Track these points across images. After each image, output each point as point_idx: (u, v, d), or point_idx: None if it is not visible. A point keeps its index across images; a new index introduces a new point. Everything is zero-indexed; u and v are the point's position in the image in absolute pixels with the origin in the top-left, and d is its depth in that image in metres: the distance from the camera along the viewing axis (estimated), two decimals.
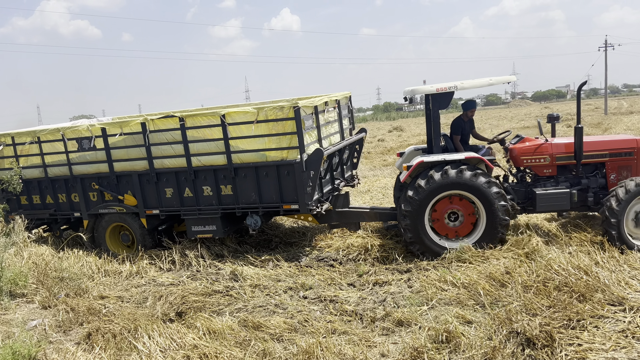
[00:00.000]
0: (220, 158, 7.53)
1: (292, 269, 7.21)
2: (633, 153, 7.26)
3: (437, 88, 7.10)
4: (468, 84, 7.21)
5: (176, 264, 7.74)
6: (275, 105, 7.20)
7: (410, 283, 6.39)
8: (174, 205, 8.00)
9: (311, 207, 7.29)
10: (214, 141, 7.48)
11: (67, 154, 8.28)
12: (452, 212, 7.13)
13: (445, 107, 7.26)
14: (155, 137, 7.74)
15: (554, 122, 7.73)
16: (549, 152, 7.36)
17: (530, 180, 7.63)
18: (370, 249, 7.54)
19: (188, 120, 7.51)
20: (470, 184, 6.84)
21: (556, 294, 5.25)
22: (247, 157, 7.43)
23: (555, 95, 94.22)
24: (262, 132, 7.26)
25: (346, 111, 9.27)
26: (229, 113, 7.31)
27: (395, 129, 33.61)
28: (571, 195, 7.14)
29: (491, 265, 6.32)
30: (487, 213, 6.90)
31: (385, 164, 17.67)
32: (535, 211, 7.34)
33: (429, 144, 7.85)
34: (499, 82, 7.59)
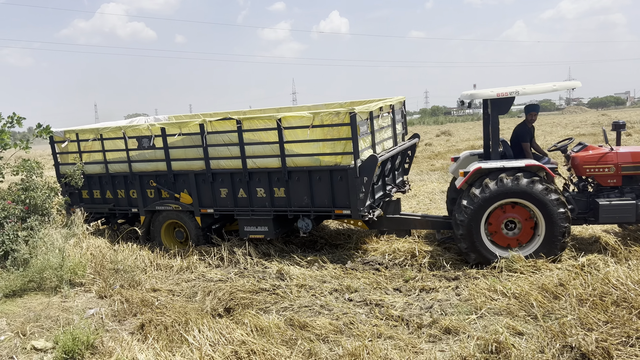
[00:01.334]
0: (274, 161, 7.64)
1: (338, 270, 7.24)
2: None
3: (497, 93, 6.95)
4: (530, 89, 7.01)
5: (224, 260, 7.92)
6: (331, 111, 7.24)
7: (458, 291, 6.27)
8: (228, 205, 8.17)
9: (363, 213, 7.29)
10: (269, 144, 7.60)
11: (127, 152, 8.63)
12: (509, 220, 6.96)
13: (505, 112, 7.10)
14: (212, 138, 7.94)
15: (620, 130, 7.42)
16: (614, 161, 7.07)
17: (592, 190, 7.35)
18: (417, 254, 7.46)
19: (245, 123, 7.66)
20: (528, 192, 6.65)
21: (614, 309, 5.03)
22: (301, 161, 7.51)
23: (614, 102, 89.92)
24: (317, 136, 7.33)
25: (399, 116, 9.21)
26: (286, 117, 7.42)
27: (443, 133, 33.01)
28: (637, 208, 6.83)
29: (544, 277, 6.12)
30: (546, 221, 6.70)
31: (432, 169, 17.41)
32: (598, 222, 7.06)
33: (485, 150, 7.69)
34: (563, 88, 7.36)
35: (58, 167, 9.30)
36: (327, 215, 7.75)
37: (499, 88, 7.06)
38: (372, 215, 7.55)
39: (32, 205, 7.97)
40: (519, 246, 6.94)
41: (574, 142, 7.80)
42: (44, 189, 8.22)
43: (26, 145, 8.38)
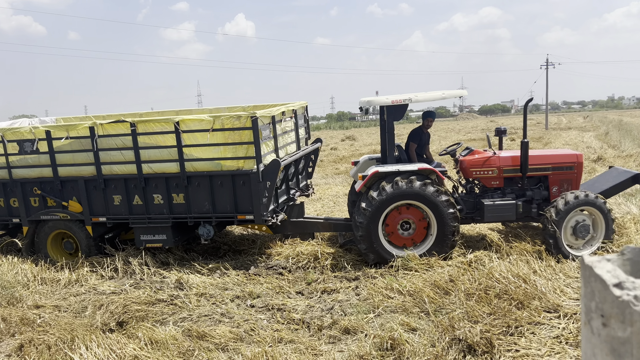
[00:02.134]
0: (172, 166, 7.34)
1: (240, 277, 7.12)
2: (573, 167, 7.62)
3: (392, 100, 7.25)
4: (422, 97, 7.40)
5: (119, 272, 7.48)
6: (232, 114, 7.11)
7: (358, 291, 6.44)
8: (122, 213, 7.72)
9: (266, 217, 7.23)
10: (166, 148, 7.29)
11: (6, 157, 7.83)
12: (404, 221, 7.27)
13: (399, 118, 7.42)
14: (104, 142, 7.46)
15: (502, 135, 8.04)
16: (497, 164, 7.62)
17: (478, 191, 7.88)
18: (320, 257, 7.55)
19: (140, 126, 7.28)
20: (421, 194, 7.01)
21: (497, 301, 5.43)
22: (201, 166, 7.29)
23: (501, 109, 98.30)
24: (217, 140, 7.15)
25: (302, 121, 9.28)
26: (184, 120, 7.16)
27: (348, 138, 34.00)
28: (517, 207, 7.42)
29: (436, 274, 6.47)
30: (437, 221, 7.09)
31: (337, 172, 17.80)
32: (483, 221, 7.59)
33: (383, 154, 7.99)
34: (451, 96, 7.83)
35: None
36: (230, 221, 7.60)
37: (393, 95, 7.37)
38: (276, 219, 7.53)
39: None
40: (414, 245, 7.29)
41: (462, 147, 8.34)
42: None
43: None
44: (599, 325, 0.91)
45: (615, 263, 0.98)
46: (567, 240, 7.09)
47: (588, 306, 0.94)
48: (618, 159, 15.57)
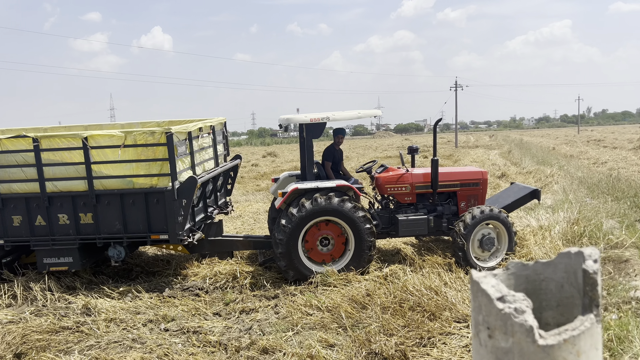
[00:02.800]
0: (80, 184, 6.93)
1: (154, 300, 6.82)
2: (479, 183, 8.13)
3: (310, 118, 7.39)
4: (339, 116, 7.60)
5: (18, 298, 6.88)
6: (145, 130, 6.87)
7: (277, 309, 6.40)
8: (22, 235, 7.14)
9: (182, 237, 6.98)
10: (73, 165, 6.87)
11: None
12: (324, 237, 7.37)
13: (318, 136, 7.56)
14: (2, 158, 6.90)
15: (414, 153, 8.43)
16: (409, 181, 7.96)
17: (393, 207, 8.16)
18: (238, 276, 7.43)
19: (44, 142, 6.82)
20: (338, 210, 7.14)
21: (410, 313, 5.63)
22: (111, 184, 6.94)
23: (415, 128, 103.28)
24: (129, 157, 6.85)
25: (221, 137, 9.14)
26: (93, 136, 6.80)
27: (269, 154, 33.98)
28: (428, 221, 7.76)
29: (354, 288, 6.58)
30: (355, 237, 7.25)
31: (258, 189, 17.70)
32: (398, 236, 7.88)
33: (302, 171, 8.07)
34: (367, 116, 8.12)
35: None
36: (143, 241, 7.29)
37: (312, 114, 7.50)
38: (193, 239, 7.31)
39: None
40: (332, 261, 7.39)
41: (377, 164, 8.64)
42: None
43: None
44: (485, 337, 0.98)
45: (499, 278, 1.06)
46: (475, 252, 7.52)
47: (476, 319, 1.01)
48: (519, 175, 16.84)
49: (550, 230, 8.37)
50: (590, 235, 8.06)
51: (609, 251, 7.41)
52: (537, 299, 1.08)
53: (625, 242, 7.64)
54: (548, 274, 1.07)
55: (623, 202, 10.91)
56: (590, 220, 8.69)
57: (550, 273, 1.06)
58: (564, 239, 7.99)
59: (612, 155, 23.48)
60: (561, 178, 15.39)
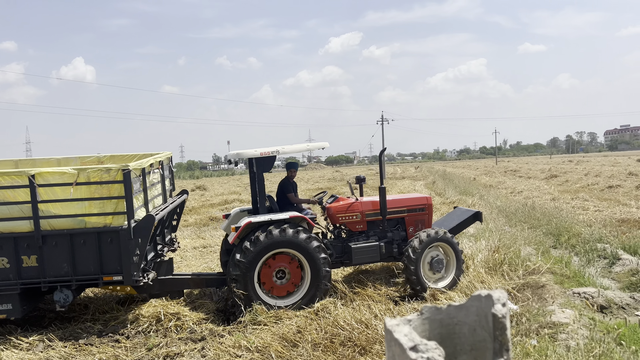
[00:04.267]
0: (24, 224, 6.42)
1: (69, 349, 6.30)
2: (425, 208, 8.42)
3: (260, 152, 7.39)
4: (289, 149, 7.68)
5: None
6: (101, 167, 6.54)
7: (204, 352, 6.11)
8: None
9: (137, 277, 6.58)
10: (17, 204, 6.36)
11: None
12: (278, 270, 7.28)
13: (268, 169, 7.56)
14: None
15: (362, 183, 8.59)
16: (360, 209, 8.07)
17: (345, 235, 8.20)
18: (162, 318, 7.05)
19: None
20: (293, 241, 7.11)
21: (342, 349, 5.57)
22: (60, 223, 6.48)
23: (345, 160, 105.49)
24: (81, 195, 6.46)
25: (167, 172, 8.86)
26: (41, 173, 6.36)
27: (199, 187, 33.21)
28: (380, 248, 7.86)
29: (284, 326, 6.44)
30: (310, 267, 7.21)
31: (186, 225, 17.12)
32: (352, 264, 7.92)
33: (254, 205, 7.95)
34: (315, 148, 8.23)
35: None
36: (94, 283, 6.83)
37: (261, 148, 7.48)
38: (147, 279, 6.91)
39: None
40: (296, 287, 7.31)
41: (327, 195, 8.71)
42: None
43: None
44: None
45: (413, 324, 1.04)
46: (425, 274, 7.66)
47: None
48: (443, 206, 17.52)
49: (474, 259, 8.70)
50: (510, 262, 8.45)
51: (527, 277, 7.80)
52: (452, 343, 1.07)
53: (541, 268, 8.08)
54: (461, 317, 1.07)
55: (538, 229, 11.61)
56: (509, 247, 9.14)
57: (463, 317, 1.06)
58: (486, 267, 8.32)
59: (527, 184, 25.09)
60: (482, 207, 16.18)
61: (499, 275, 8.04)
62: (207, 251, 12.34)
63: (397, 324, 0.99)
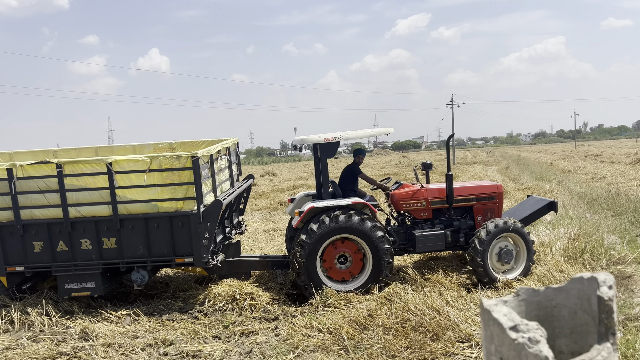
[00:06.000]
0: (104, 208, 6.89)
1: (153, 323, 6.73)
2: (495, 197, 8.15)
3: (324, 138, 7.48)
4: (352, 135, 7.70)
5: (15, 324, 6.78)
6: (171, 154, 6.88)
7: (277, 331, 6.31)
8: (43, 261, 7.05)
9: (206, 260, 6.94)
10: (97, 190, 6.84)
11: None
12: (341, 255, 7.37)
13: (332, 155, 7.63)
14: (24, 184, 6.84)
15: (428, 169, 8.47)
16: (425, 197, 7.96)
17: (409, 223, 8.14)
18: (237, 297, 7.34)
19: (67, 167, 6.79)
20: (358, 228, 7.16)
21: (413, 334, 5.55)
22: (136, 208, 6.91)
23: (412, 145, 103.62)
24: (154, 181, 6.84)
25: (234, 157, 9.18)
26: (118, 161, 6.80)
27: (267, 173, 33.96)
28: (445, 236, 7.74)
29: (355, 309, 6.50)
30: (373, 256, 7.25)
31: (256, 209, 17.63)
32: (415, 252, 7.87)
33: (318, 190, 8.09)
34: (379, 134, 8.19)
35: None
36: (167, 264, 7.25)
37: (326, 134, 7.57)
38: (216, 261, 7.25)
39: None
40: (352, 277, 7.37)
41: (392, 181, 8.66)
42: None
43: None
44: None
45: (510, 305, 1.03)
46: (494, 265, 7.47)
47: (488, 349, 0.98)
48: (518, 192, 16.83)
49: (552, 247, 8.33)
50: (591, 251, 8.02)
51: (611, 267, 7.36)
52: (550, 326, 1.05)
53: (627, 257, 7.60)
54: (560, 300, 1.04)
55: (624, 217, 10.89)
56: (591, 236, 8.65)
57: (562, 299, 1.04)
58: (565, 256, 7.94)
59: (610, 170, 23.53)
60: (560, 193, 15.39)
61: (580, 264, 7.65)
62: (277, 234, 12.65)
63: (495, 303, 0.99)
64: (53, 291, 7.42)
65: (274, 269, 8.38)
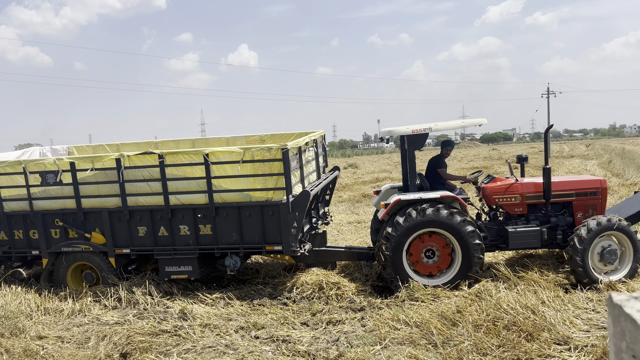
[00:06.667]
0: (200, 197, 7.33)
1: (245, 307, 7.05)
2: (598, 193, 7.61)
3: (412, 129, 7.34)
4: (441, 126, 7.51)
5: (122, 301, 7.40)
6: (262, 146, 7.16)
7: (363, 322, 6.35)
8: (146, 245, 7.66)
9: (294, 248, 7.19)
10: (195, 180, 7.30)
11: (27, 188, 7.75)
12: (428, 249, 7.26)
13: (420, 147, 7.49)
14: (130, 173, 7.45)
15: (523, 162, 8.09)
16: (520, 191, 7.61)
17: (502, 218, 7.85)
18: (324, 286, 7.48)
19: (168, 158, 7.30)
20: (447, 222, 7.01)
21: (505, 333, 5.35)
22: (230, 197, 7.28)
23: (502, 137, 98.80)
24: (247, 172, 7.18)
25: (321, 149, 9.37)
26: (214, 152, 7.20)
27: (350, 165, 34.03)
28: (541, 233, 7.36)
29: (443, 304, 6.39)
30: (462, 251, 7.07)
31: (340, 200, 17.80)
32: (508, 248, 7.57)
33: (404, 183, 8.03)
34: (471, 125, 7.92)
35: None
36: (258, 251, 7.59)
37: (413, 125, 7.45)
38: (304, 250, 7.47)
39: None
40: (439, 272, 7.25)
41: (483, 174, 8.37)
42: None
43: None
44: None
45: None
46: (595, 266, 7.01)
47: (618, 346, 0.93)
48: (622, 188, 15.55)
49: None
50: None
51: None
52: None
53: None
54: None
55: None
56: None
57: None
58: None
59: None
60: None
61: None
62: (361, 226, 12.69)
63: (627, 299, 0.94)
64: (154, 273, 7.99)
65: (359, 261, 8.42)
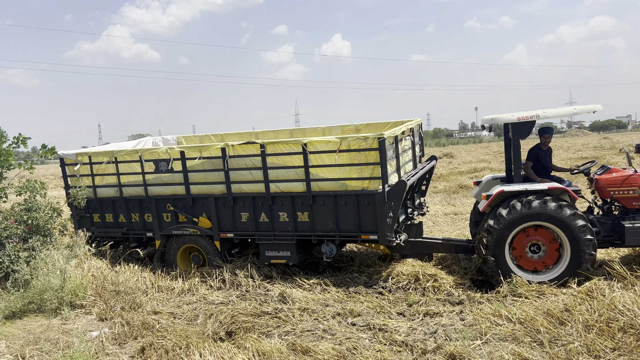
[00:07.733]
0: (299, 185, 7.59)
1: (341, 294, 7.17)
2: None
3: (518, 117, 6.98)
4: (550, 113, 7.06)
5: (226, 283, 7.86)
6: (359, 136, 7.25)
7: (462, 316, 6.20)
8: (248, 230, 8.09)
9: (390, 238, 7.21)
10: (293, 168, 7.57)
11: (143, 175, 8.53)
12: (533, 243, 6.92)
13: (525, 136, 7.09)
14: (234, 162, 7.89)
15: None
16: (639, 183, 7.04)
17: (617, 212, 7.30)
18: (420, 278, 7.39)
19: (269, 147, 7.64)
20: (555, 216, 6.62)
21: (621, 335, 4.96)
22: (326, 186, 7.46)
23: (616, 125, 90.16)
24: (343, 161, 7.31)
25: (417, 138, 9.24)
26: (311, 142, 7.42)
27: (446, 155, 32.99)
28: None
29: (549, 302, 6.05)
30: (571, 246, 6.65)
31: (435, 191, 17.38)
32: (624, 245, 7.02)
33: (508, 173, 7.71)
34: (584, 111, 7.34)
35: (68, 190, 9.03)
36: (353, 240, 7.70)
37: (519, 112, 7.09)
38: (399, 240, 7.46)
39: (34, 225, 7.96)
40: (545, 268, 6.89)
41: (596, 165, 7.75)
42: (46, 209, 8.21)
43: (30, 166, 8.41)
44: None
45: None
46: None
47: None
48: None
49: None
50: None
51: None
52: None
53: None
54: None
55: None
56: None
57: None
58: None
59: None
60: None
61: None
62: (458, 218, 12.33)
63: None
64: (255, 257, 8.38)
65: (457, 253, 8.19)
